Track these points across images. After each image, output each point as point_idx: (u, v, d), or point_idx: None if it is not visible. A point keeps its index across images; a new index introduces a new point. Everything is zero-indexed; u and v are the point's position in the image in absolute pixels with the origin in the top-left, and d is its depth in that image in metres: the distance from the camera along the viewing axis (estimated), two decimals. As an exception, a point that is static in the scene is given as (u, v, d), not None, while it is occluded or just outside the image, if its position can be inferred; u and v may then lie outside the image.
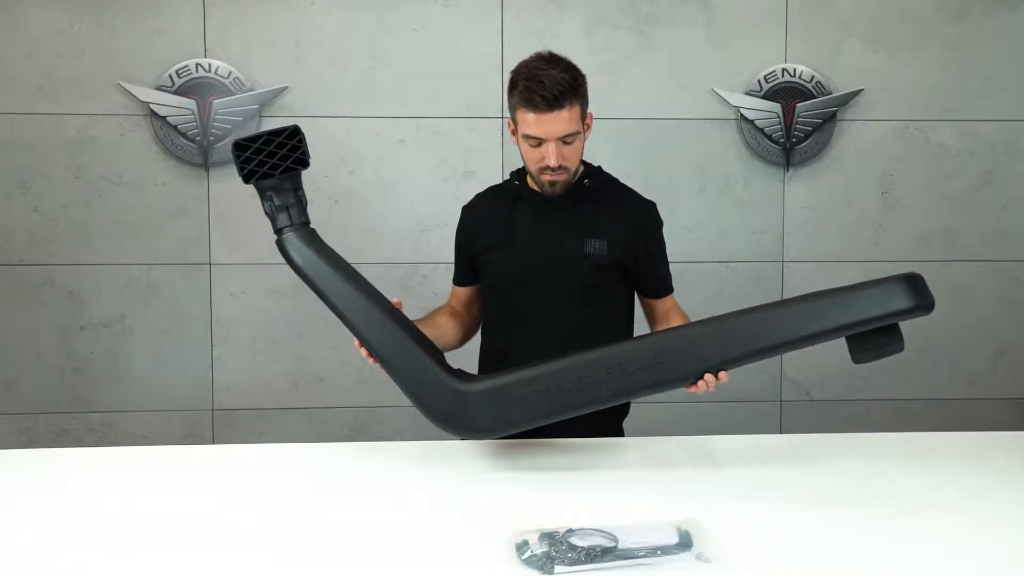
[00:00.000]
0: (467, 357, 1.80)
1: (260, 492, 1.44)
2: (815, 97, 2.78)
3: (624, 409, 1.83)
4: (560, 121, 1.59)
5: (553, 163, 1.62)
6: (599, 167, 1.79)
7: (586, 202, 1.72)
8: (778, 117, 2.78)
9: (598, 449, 1.64)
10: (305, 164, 1.51)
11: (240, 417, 2.79)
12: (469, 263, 1.81)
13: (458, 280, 1.85)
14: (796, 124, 2.78)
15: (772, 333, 1.46)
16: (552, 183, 1.66)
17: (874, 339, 1.44)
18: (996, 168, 2.86)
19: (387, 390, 2.73)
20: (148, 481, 1.48)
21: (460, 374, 1.56)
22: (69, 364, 2.73)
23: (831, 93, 2.78)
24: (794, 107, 2.78)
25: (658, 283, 1.79)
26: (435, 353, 1.58)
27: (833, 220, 2.84)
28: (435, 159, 2.77)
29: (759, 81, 2.77)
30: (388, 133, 2.74)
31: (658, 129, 2.78)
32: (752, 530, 1.30)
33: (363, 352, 1.56)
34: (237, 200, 2.72)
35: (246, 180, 1.50)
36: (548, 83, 1.57)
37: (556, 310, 1.71)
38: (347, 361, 2.76)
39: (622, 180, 1.83)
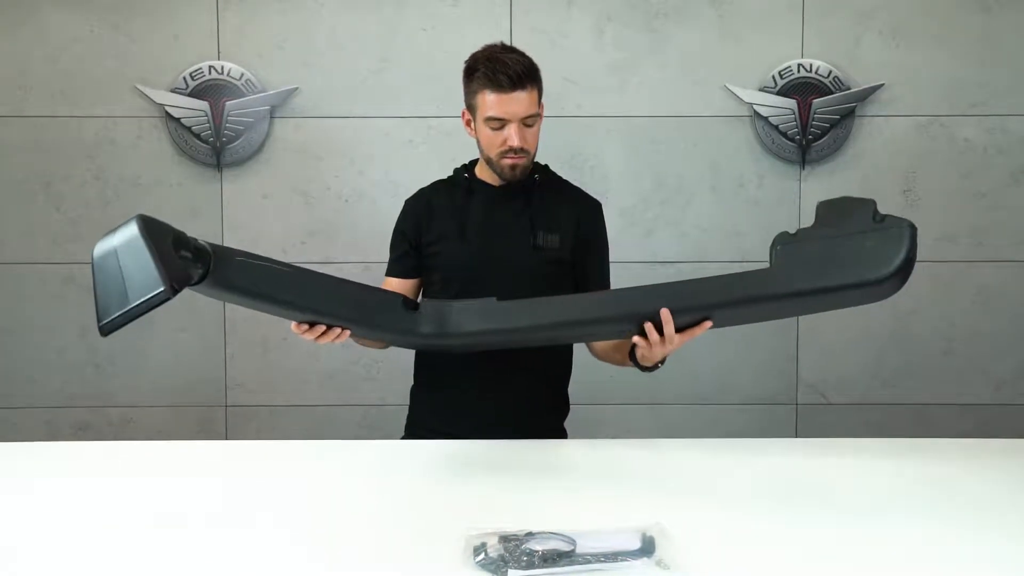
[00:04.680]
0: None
1: (265, 487, 1.47)
2: (832, 93, 2.70)
3: (564, 409, 1.83)
4: (522, 102, 1.61)
5: (516, 143, 1.62)
6: (545, 165, 1.80)
7: (537, 197, 1.74)
8: (793, 114, 2.70)
9: (580, 450, 1.62)
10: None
11: (252, 413, 2.84)
12: (416, 253, 1.78)
13: (399, 272, 1.80)
14: (813, 121, 2.71)
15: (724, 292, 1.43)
16: (513, 167, 1.66)
17: None
18: (1026, 165, 2.74)
19: (395, 387, 2.73)
20: (163, 474, 1.52)
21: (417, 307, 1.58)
22: (90, 360, 2.81)
23: (849, 88, 2.70)
24: (810, 103, 2.70)
25: (603, 280, 1.81)
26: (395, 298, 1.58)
27: (852, 219, 2.76)
28: (445, 159, 2.72)
29: (773, 77, 2.71)
30: (397, 133, 2.75)
31: (670, 127, 2.73)
32: (722, 538, 1.26)
33: (309, 336, 1.53)
34: (249, 201, 2.77)
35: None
36: (511, 63, 1.60)
37: None
38: (356, 360, 2.78)
39: (632, 179, 1.82)
